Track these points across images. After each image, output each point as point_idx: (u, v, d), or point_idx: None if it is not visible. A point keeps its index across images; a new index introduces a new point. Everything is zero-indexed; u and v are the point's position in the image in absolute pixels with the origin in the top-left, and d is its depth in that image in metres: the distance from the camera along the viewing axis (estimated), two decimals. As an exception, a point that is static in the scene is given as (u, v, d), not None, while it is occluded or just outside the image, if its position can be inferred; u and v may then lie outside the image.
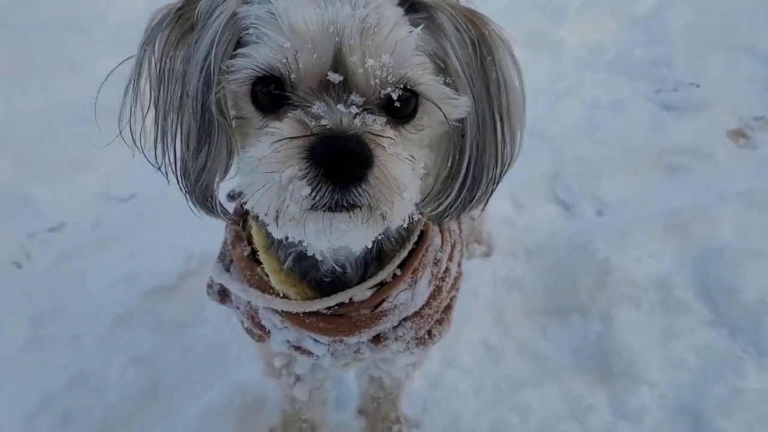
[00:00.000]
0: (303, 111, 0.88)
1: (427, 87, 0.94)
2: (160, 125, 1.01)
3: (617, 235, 2.52)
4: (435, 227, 1.28)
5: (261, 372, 1.67)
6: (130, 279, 2.43)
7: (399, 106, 0.93)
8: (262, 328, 1.31)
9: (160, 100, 1.00)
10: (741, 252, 2.40)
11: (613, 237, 2.50)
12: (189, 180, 1.03)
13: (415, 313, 1.26)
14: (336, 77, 0.88)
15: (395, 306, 1.22)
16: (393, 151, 0.87)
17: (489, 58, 0.99)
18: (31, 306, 2.35)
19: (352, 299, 1.19)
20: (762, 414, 1.91)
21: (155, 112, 1.01)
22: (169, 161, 1.03)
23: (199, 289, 1.44)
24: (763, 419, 1.90)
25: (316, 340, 1.26)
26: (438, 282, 1.29)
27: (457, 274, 1.36)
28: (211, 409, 1.94)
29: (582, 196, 2.88)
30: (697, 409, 1.96)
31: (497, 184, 1.07)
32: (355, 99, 0.88)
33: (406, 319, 1.26)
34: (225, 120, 0.98)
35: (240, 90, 0.95)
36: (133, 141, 1.01)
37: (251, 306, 1.30)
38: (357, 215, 0.87)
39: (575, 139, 3.26)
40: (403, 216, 0.94)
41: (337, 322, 1.20)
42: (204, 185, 1.03)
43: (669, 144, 3.16)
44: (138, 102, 1.00)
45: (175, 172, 1.04)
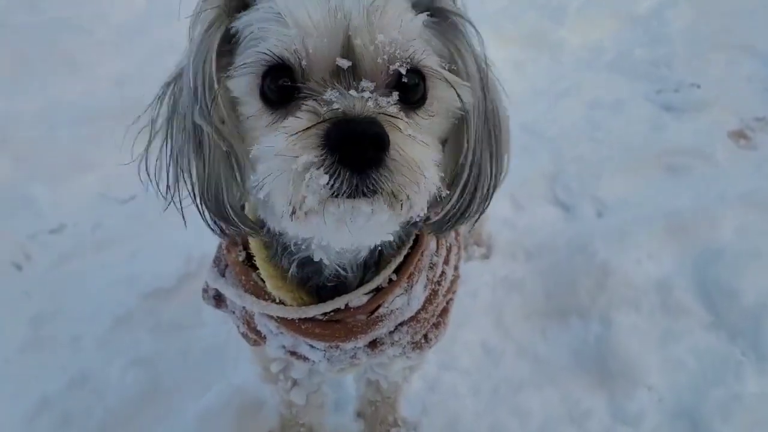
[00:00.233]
0: (315, 101, 0.87)
1: (434, 69, 0.95)
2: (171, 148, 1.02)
3: (617, 237, 2.51)
4: (430, 232, 1.28)
5: (258, 377, 1.67)
6: (130, 280, 2.43)
7: (408, 84, 0.92)
8: (258, 333, 1.31)
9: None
10: (741, 253, 2.39)
11: (612, 238, 2.49)
12: (204, 197, 1.02)
13: (411, 318, 1.26)
14: (345, 62, 0.88)
15: (391, 311, 1.22)
16: (409, 132, 0.86)
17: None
18: (31, 307, 2.35)
19: (348, 305, 1.19)
20: (761, 418, 1.90)
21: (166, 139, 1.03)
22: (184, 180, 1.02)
23: (198, 291, 1.44)
24: (763, 423, 1.89)
25: (312, 346, 1.26)
26: (434, 286, 1.28)
27: (453, 277, 1.36)
28: (209, 411, 1.95)
29: (582, 197, 2.87)
30: (695, 413, 1.95)
31: (489, 201, 1.08)
32: (366, 84, 0.88)
33: (402, 323, 1.26)
34: (223, 126, 0.97)
35: (244, 88, 0.95)
36: (147, 174, 1.03)
37: (247, 311, 1.29)
38: (379, 200, 0.85)
39: (575, 139, 3.25)
40: (427, 199, 0.91)
41: (333, 327, 1.19)
42: (214, 195, 1.01)
43: (669, 144, 3.15)
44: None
45: (191, 192, 1.02)
